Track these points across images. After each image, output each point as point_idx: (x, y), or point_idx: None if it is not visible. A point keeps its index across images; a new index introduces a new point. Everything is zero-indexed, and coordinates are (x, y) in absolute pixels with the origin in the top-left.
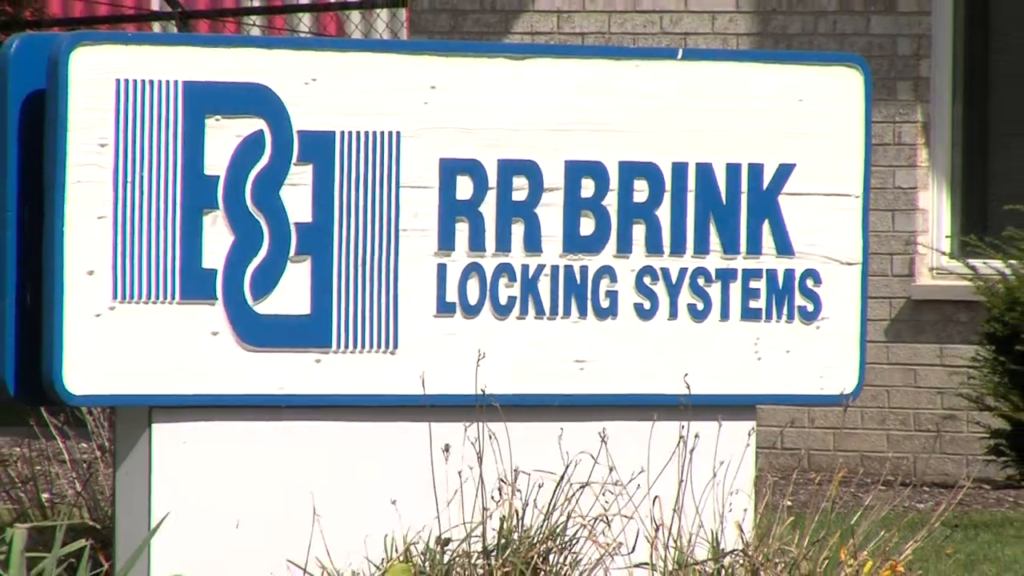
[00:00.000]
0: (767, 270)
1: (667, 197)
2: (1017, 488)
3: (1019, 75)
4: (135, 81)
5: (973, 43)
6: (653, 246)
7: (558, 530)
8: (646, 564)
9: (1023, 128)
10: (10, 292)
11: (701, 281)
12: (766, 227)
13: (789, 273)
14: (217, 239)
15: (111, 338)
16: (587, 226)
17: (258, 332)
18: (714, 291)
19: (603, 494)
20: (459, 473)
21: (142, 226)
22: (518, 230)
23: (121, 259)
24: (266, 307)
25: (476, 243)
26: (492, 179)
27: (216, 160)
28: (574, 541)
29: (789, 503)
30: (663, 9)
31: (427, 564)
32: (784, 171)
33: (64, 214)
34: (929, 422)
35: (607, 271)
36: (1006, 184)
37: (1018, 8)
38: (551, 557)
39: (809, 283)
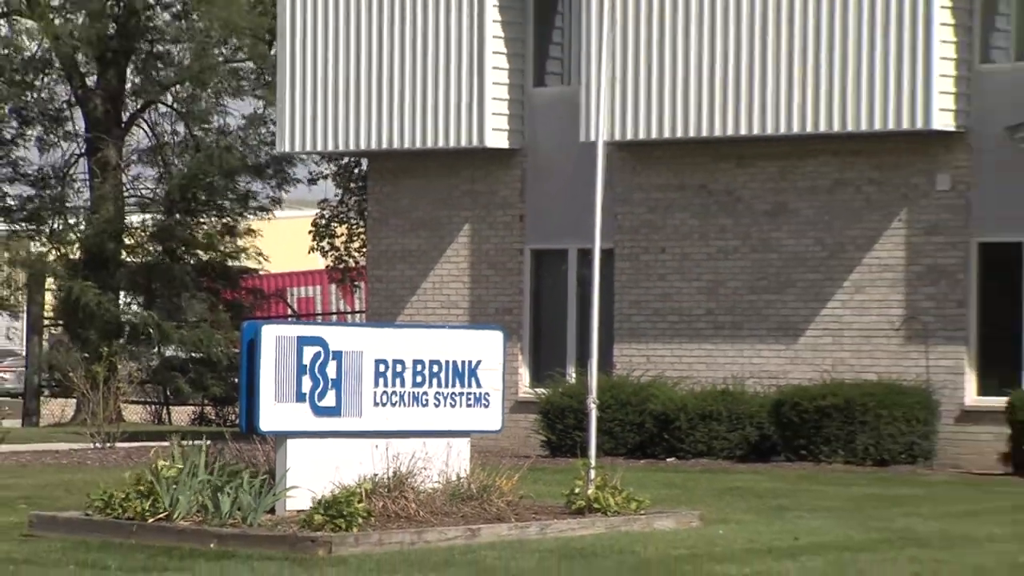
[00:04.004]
0: (470, 392)
1: (442, 371)
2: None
3: None
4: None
5: None
6: (438, 385)
7: (410, 472)
8: (440, 486)
9: None
10: (242, 395)
11: (447, 396)
12: (471, 379)
13: (481, 394)
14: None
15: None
16: (418, 381)
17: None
18: (451, 398)
19: (423, 461)
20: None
21: (297, 382)
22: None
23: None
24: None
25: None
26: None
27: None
28: (413, 474)
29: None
30: None
31: (373, 484)
32: (479, 362)
33: (261, 384)
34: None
35: (424, 394)
36: None
37: None
38: (405, 482)
39: (484, 400)
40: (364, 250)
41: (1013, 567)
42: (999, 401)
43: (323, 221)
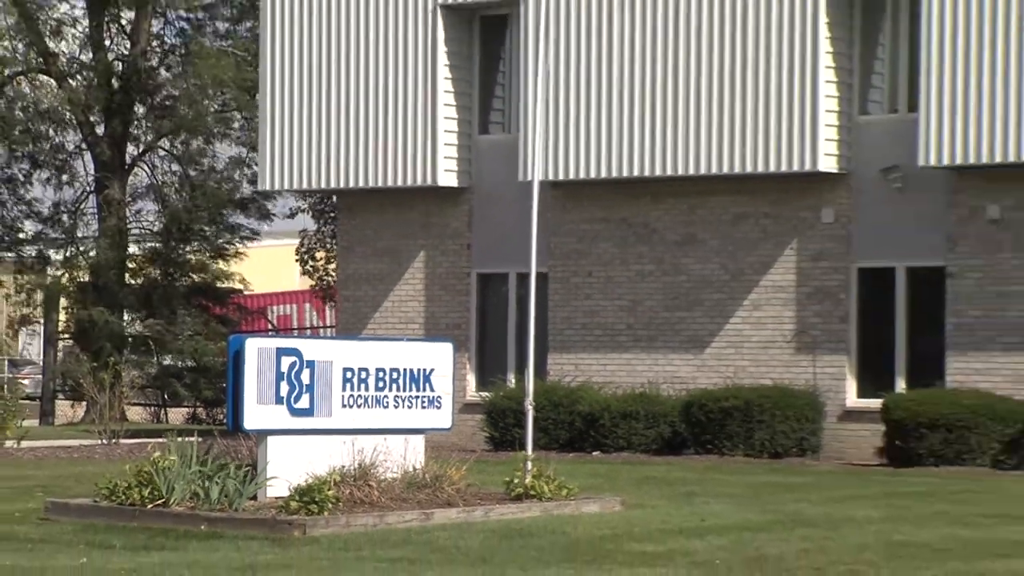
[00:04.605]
0: (425, 396)
1: (400, 377)
2: None
3: None
4: (267, 349)
5: None
6: (397, 389)
7: (373, 464)
8: (398, 476)
9: None
10: (229, 398)
11: (405, 399)
12: (425, 384)
13: (434, 397)
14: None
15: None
16: (380, 386)
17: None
18: (408, 401)
19: (384, 455)
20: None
21: (276, 387)
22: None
23: (260, 398)
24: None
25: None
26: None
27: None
28: (376, 466)
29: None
30: None
31: (340, 474)
32: (432, 370)
33: (245, 388)
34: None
35: (385, 397)
36: None
37: None
38: (369, 473)
39: (436, 402)
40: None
41: (888, 544)
42: (875, 403)
43: (304, 248)
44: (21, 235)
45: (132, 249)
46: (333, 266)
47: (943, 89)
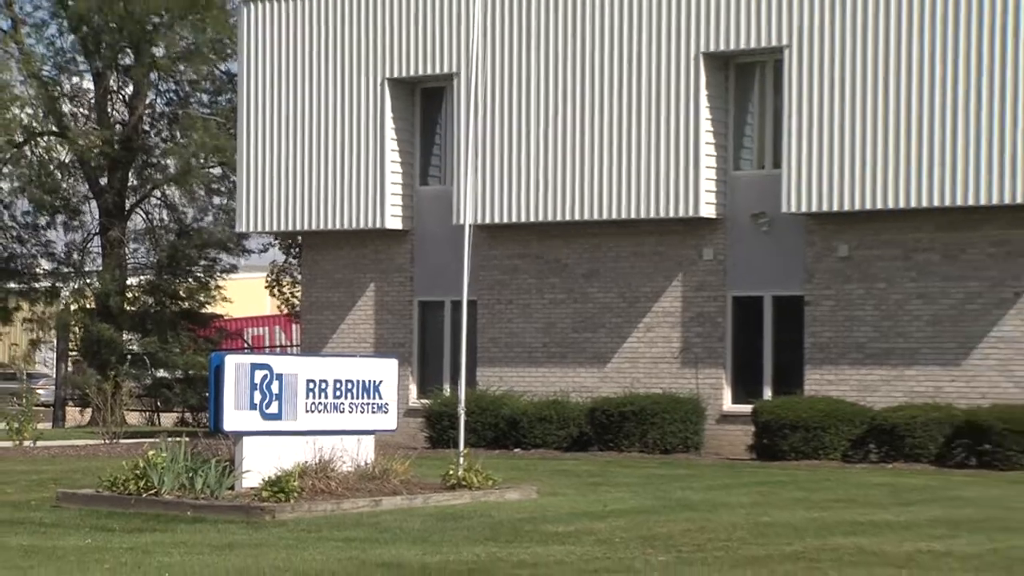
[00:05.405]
0: (374, 403)
1: (354, 387)
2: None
3: None
4: (242, 364)
5: None
6: (351, 397)
7: (331, 460)
8: (352, 469)
9: None
10: (211, 404)
11: (358, 405)
12: (375, 393)
13: (382, 403)
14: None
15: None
16: (337, 394)
17: (264, 419)
18: (360, 407)
19: (340, 452)
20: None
21: (251, 396)
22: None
23: (237, 404)
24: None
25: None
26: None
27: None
28: (333, 461)
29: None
30: None
31: (304, 468)
32: (380, 381)
33: (224, 397)
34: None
35: (341, 404)
36: None
37: None
38: (328, 467)
39: (384, 408)
40: None
41: (756, 524)
42: (747, 408)
43: (273, 278)
44: (38, 270)
45: (131, 281)
46: (299, 292)
47: (802, 149)
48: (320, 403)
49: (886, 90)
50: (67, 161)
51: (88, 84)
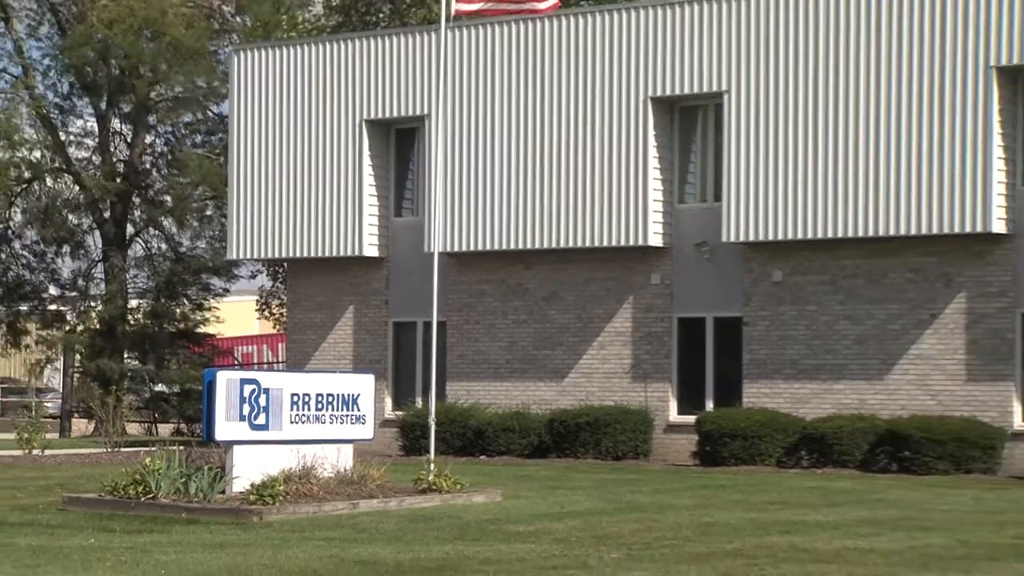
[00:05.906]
0: (353, 414)
1: (334, 400)
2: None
3: None
4: (233, 379)
5: None
6: (332, 409)
7: (313, 466)
8: (333, 475)
9: None
10: (204, 416)
11: (338, 417)
12: (353, 405)
13: (360, 415)
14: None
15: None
16: (319, 407)
17: (253, 429)
18: (340, 418)
19: (322, 459)
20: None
21: (240, 408)
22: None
23: (228, 416)
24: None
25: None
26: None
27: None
28: (315, 467)
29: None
30: None
31: (288, 474)
32: (358, 395)
33: (216, 409)
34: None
35: (322, 415)
36: None
37: None
38: (310, 473)
39: (362, 419)
40: None
41: (700, 524)
42: (691, 418)
43: (263, 301)
44: (45, 295)
45: (131, 304)
46: (285, 313)
47: (740, 184)
48: (304, 415)
49: (816, 131)
50: (71, 198)
51: (92, 125)
